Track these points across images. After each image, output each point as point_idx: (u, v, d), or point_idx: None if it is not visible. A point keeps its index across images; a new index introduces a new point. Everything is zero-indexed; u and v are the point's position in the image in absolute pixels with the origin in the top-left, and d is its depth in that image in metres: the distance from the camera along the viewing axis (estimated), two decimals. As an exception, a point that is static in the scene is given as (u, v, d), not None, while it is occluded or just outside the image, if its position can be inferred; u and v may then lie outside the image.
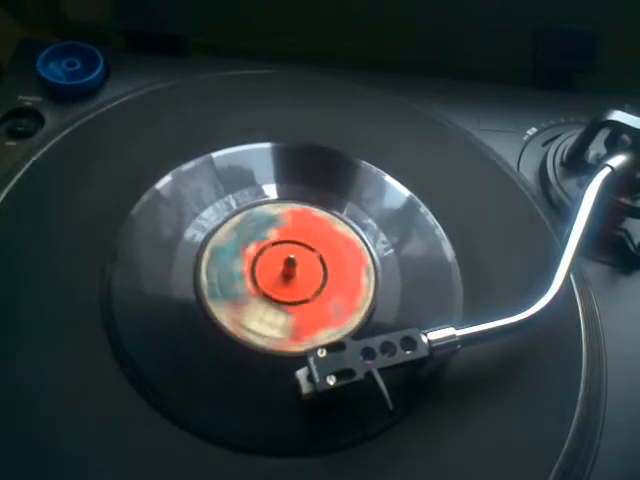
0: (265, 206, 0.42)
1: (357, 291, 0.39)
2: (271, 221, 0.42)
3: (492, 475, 0.35)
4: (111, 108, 0.47)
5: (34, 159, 0.43)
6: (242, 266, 0.40)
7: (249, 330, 0.37)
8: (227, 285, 0.39)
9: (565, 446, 0.35)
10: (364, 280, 0.40)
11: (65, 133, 0.45)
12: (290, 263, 0.38)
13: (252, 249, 0.40)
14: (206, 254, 0.40)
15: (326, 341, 0.36)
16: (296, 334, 0.37)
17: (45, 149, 0.44)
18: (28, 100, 0.48)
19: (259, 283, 0.39)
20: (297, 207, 0.42)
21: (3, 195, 0.41)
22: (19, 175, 0.42)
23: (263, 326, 0.37)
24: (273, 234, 0.41)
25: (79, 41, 0.50)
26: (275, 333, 0.37)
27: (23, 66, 0.49)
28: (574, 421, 0.36)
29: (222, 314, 0.38)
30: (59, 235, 0.40)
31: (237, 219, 0.41)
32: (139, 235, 0.40)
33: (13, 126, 0.46)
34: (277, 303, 0.38)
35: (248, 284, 0.39)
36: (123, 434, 0.34)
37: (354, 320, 0.38)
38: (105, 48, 0.50)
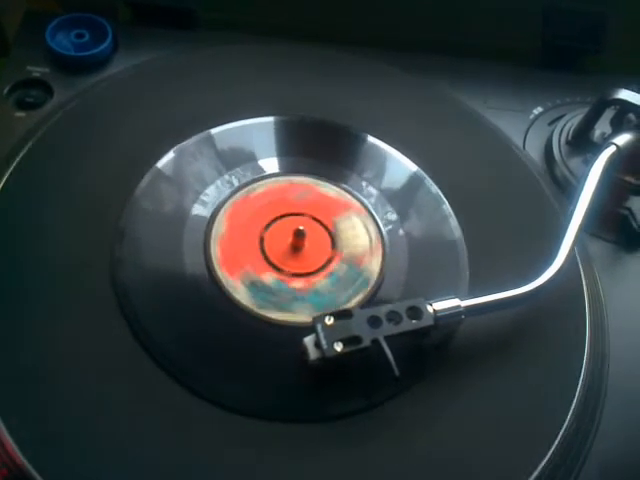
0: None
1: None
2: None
3: (494, 444, 0.35)
4: (117, 81, 0.47)
5: (43, 130, 0.43)
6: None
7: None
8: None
9: (568, 418, 0.36)
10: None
11: (74, 105, 0.45)
12: (299, 235, 0.39)
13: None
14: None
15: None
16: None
17: (55, 120, 0.44)
18: (36, 71, 0.48)
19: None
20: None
21: (13, 166, 0.41)
22: (28, 146, 0.42)
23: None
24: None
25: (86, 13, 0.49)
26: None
27: (31, 37, 0.49)
28: (577, 393, 0.36)
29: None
30: (68, 207, 0.40)
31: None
32: (148, 209, 0.40)
33: (22, 97, 0.47)
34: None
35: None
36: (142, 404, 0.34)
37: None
38: (113, 21, 0.50)
